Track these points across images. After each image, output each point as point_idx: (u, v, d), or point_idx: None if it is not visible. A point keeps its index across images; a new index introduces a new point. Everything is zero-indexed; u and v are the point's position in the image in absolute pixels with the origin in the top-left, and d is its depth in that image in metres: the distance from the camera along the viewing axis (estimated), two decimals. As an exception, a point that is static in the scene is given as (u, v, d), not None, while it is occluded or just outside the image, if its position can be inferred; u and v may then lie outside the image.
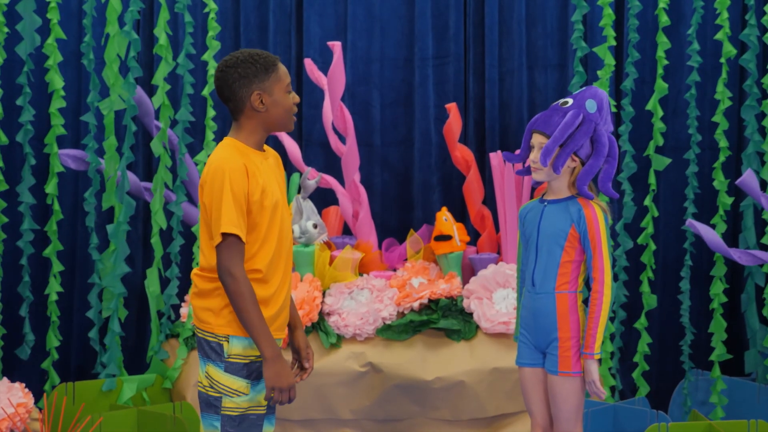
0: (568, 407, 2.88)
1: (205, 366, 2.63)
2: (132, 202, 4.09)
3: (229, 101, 2.64)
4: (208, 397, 2.62)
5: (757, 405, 4.10)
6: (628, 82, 4.11)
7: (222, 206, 2.53)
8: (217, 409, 2.61)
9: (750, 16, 4.04)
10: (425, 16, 4.69)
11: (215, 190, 2.55)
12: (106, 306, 4.13)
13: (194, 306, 2.66)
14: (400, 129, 4.77)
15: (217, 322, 2.61)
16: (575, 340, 2.87)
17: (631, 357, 4.58)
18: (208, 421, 2.63)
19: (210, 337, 2.62)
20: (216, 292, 2.61)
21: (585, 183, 2.89)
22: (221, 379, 2.61)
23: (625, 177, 4.17)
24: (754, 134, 4.04)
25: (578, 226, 2.86)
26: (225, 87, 2.62)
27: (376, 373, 3.95)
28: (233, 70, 2.61)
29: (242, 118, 2.65)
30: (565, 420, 2.89)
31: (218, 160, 2.58)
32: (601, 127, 2.89)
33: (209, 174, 2.58)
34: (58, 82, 4.05)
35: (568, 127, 2.85)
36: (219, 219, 2.54)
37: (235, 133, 2.66)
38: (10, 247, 4.34)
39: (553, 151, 2.86)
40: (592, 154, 2.90)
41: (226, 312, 2.61)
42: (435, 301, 4.09)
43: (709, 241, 3.85)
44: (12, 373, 4.39)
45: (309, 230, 4.25)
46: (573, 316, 2.87)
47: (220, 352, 2.61)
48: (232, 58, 2.64)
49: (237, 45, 4.76)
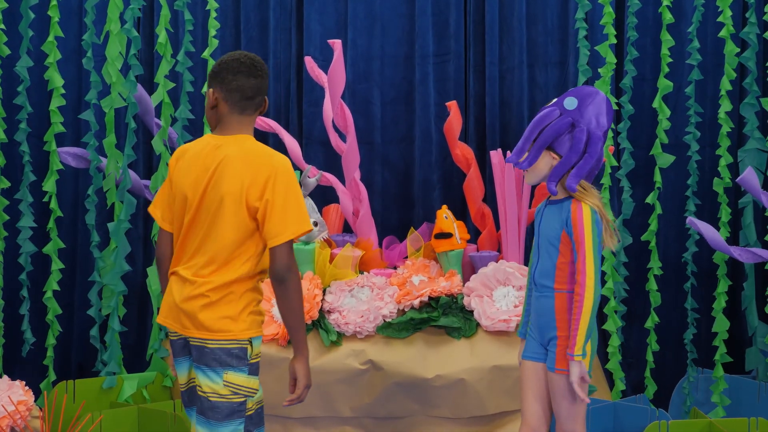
0: (567, 404, 2.88)
1: (222, 375, 2.57)
2: (133, 200, 4.09)
3: (257, 97, 2.69)
4: (232, 405, 2.59)
5: (757, 403, 4.10)
6: (627, 80, 4.11)
7: (299, 204, 2.58)
8: (242, 413, 2.61)
9: (750, 14, 4.05)
10: (426, 14, 4.69)
11: (293, 188, 2.58)
12: (106, 304, 4.13)
13: (204, 318, 2.57)
14: (401, 127, 4.78)
15: (239, 327, 2.59)
16: None
17: (631, 354, 4.59)
18: (230, 427, 2.58)
19: (231, 344, 2.58)
20: (229, 297, 2.58)
21: (558, 177, 2.88)
22: (245, 383, 2.60)
23: (623, 174, 4.18)
24: (755, 132, 4.04)
25: (567, 228, 2.87)
26: (263, 84, 2.69)
27: (376, 371, 3.96)
28: (265, 71, 2.70)
29: (251, 118, 2.70)
30: (564, 417, 2.90)
31: (279, 159, 2.61)
32: (581, 122, 2.86)
33: (278, 174, 2.57)
34: (58, 80, 4.05)
35: (538, 124, 2.88)
36: (301, 216, 2.57)
37: (244, 129, 2.69)
38: (11, 244, 4.34)
39: (525, 149, 2.91)
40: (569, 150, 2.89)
41: (245, 315, 2.60)
42: (435, 298, 4.10)
43: (710, 239, 3.85)
44: (12, 371, 4.39)
45: (309, 228, 4.25)
46: (571, 315, 2.87)
47: (244, 357, 2.60)
48: (256, 57, 2.70)
49: (237, 43, 4.77)
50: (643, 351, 4.45)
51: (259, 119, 4.40)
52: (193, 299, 2.58)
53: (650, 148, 4.39)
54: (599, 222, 2.87)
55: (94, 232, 4.18)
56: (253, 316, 2.62)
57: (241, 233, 2.58)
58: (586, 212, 2.85)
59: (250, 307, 2.62)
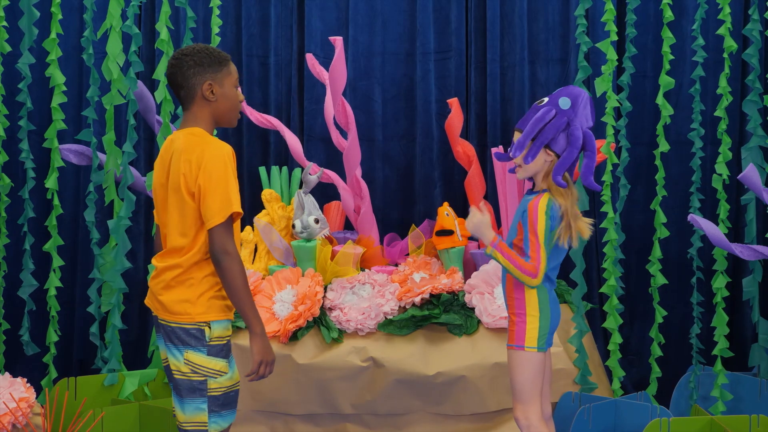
0: (519, 379, 3.04)
1: (183, 353, 2.72)
2: (133, 198, 4.08)
3: (181, 88, 2.78)
4: (192, 383, 2.73)
5: (758, 400, 4.10)
6: (625, 77, 4.11)
7: (229, 187, 2.65)
8: (203, 392, 2.73)
9: (753, 11, 4.04)
10: (427, 11, 4.69)
11: (217, 172, 2.66)
12: (106, 301, 4.13)
13: (164, 299, 2.74)
14: (402, 124, 4.77)
15: (196, 310, 2.72)
16: (521, 317, 3.04)
17: (631, 351, 4.59)
18: (193, 404, 2.73)
19: (189, 325, 2.72)
20: (189, 282, 2.73)
21: (559, 173, 3.02)
22: (204, 363, 2.73)
23: (621, 171, 4.17)
24: (757, 129, 4.04)
25: (522, 219, 3.03)
26: (179, 73, 2.76)
27: (377, 368, 3.96)
28: (189, 58, 2.76)
29: (193, 106, 2.78)
30: (517, 392, 3.06)
31: (212, 145, 2.70)
32: (575, 121, 3.02)
33: (206, 159, 2.67)
34: (59, 78, 4.04)
35: (538, 122, 3.01)
36: (226, 199, 2.65)
37: (194, 122, 2.79)
38: (12, 241, 4.34)
39: (525, 144, 3.03)
40: (567, 148, 3.03)
41: (203, 299, 2.73)
42: (436, 296, 4.09)
43: (711, 236, 3.84)
44: (14, 368, 4.39)
45: (311, 225, 4.25)
46: (518, 295, 3.04)
47: (201, 338, 2.73)
48: (187, 48, 2.79)
49: (238, 39, 4.76)
50: (644, 348, 4.45)
51: (260, 116, 4.40)
52: (157, 284, 2.76)
53: (651, 145, 4.38)
54: (554, 216, 2.99)
55: (95, 229, 4.18)
56: (214, 300, 2.75)
57: (191, 220, 2.71)
58: (542, 203, 2.99)
59: (211, 292, 2.74)
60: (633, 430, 3.79)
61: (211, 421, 2.75)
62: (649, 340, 4.28)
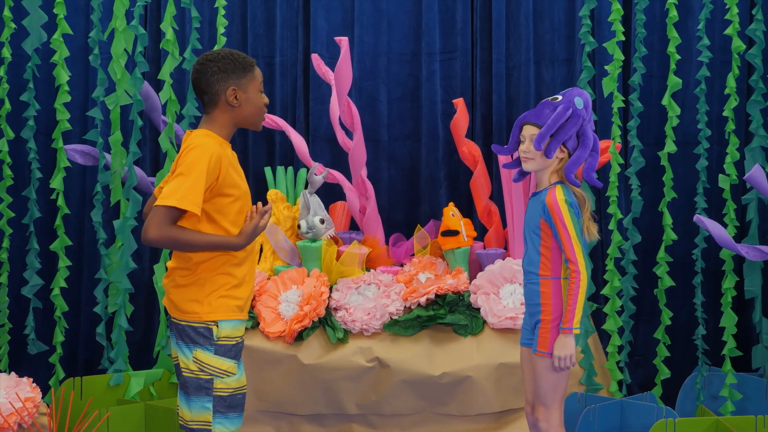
0: (546, 384, 3.05)
1: (192, 351, 2.75)
2: (138, 198, 4.09)
3: (204, 93, 2.80)
4: (199, 381, 2.75)
5: (764, 401, 4.09)
6: (636, 77, 4.10)
7: (192, 181, 2.64)
8: (209, 391, 2.75)
9: (757, 11, 4.03)
10: (432, 11, 4.68)
11: (192, 165, 2.65)
12: (112, 301, 4.13)
13: (174, 298, 2.77)
14: (407, 124, 4.77)
15: (204, 309, 2.74)
16: (555, 323, 3.02)
17: (639, 352, 4.58)
18: (199, 403, 2.75)
19: (197, 323, 2.75)
20: (196, 284, 2.75)
21: (572, 171, 3.07)
22: (212, 362, 2.75)
23: (633, 172, 4.17)
24: (759, 129, 4.03)
25: (544, 215, 3.02)
26: (203, 79, 2.78)
27: (383, 368, 3.96)
28: (213, 63, 2.78)
29: (215, 111, 2.80)
30: (542, 395, 3.08)
31: (203, 144, 2.71)
32: (586, 122, 3.09)
33: (191, 149, 2.68)
34: (65, 77, 4.05)
35: (560, 117, 3.04)
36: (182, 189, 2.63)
37: (208, 125, 2.80)
38: (17, 241, 4.34)
39: (546, 137, 3.05)
40: (578, 147, 3.09)
41: (211, 299, 2.75)
42: (442, 296, 4.09)
43: (717, 237, 3.83)
44: (20, 368, 4.40)
45: (316, 225, 4.25)
46: (555, 301, 3.02)
47: (209, 336, 2.75)
48: (212, 53, 2.81)
49: (244, 40, 4.77)
50: (650, 349, 4.45)
51: (266, 116, 4.40)
52: (169, 282, 2.81)
53: (658, 145, 4.38)
54: (574, 203, 3.02)
55: (101, 229, 4.19)
56: (224, 299, 2.76)
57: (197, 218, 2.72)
58: (559, 194, 3.01)
59: (220, 291, 2.76)
60: (639, 430, 3.79)
61: (216, 422, 2.76)
62: (655, 341, 4.27)
